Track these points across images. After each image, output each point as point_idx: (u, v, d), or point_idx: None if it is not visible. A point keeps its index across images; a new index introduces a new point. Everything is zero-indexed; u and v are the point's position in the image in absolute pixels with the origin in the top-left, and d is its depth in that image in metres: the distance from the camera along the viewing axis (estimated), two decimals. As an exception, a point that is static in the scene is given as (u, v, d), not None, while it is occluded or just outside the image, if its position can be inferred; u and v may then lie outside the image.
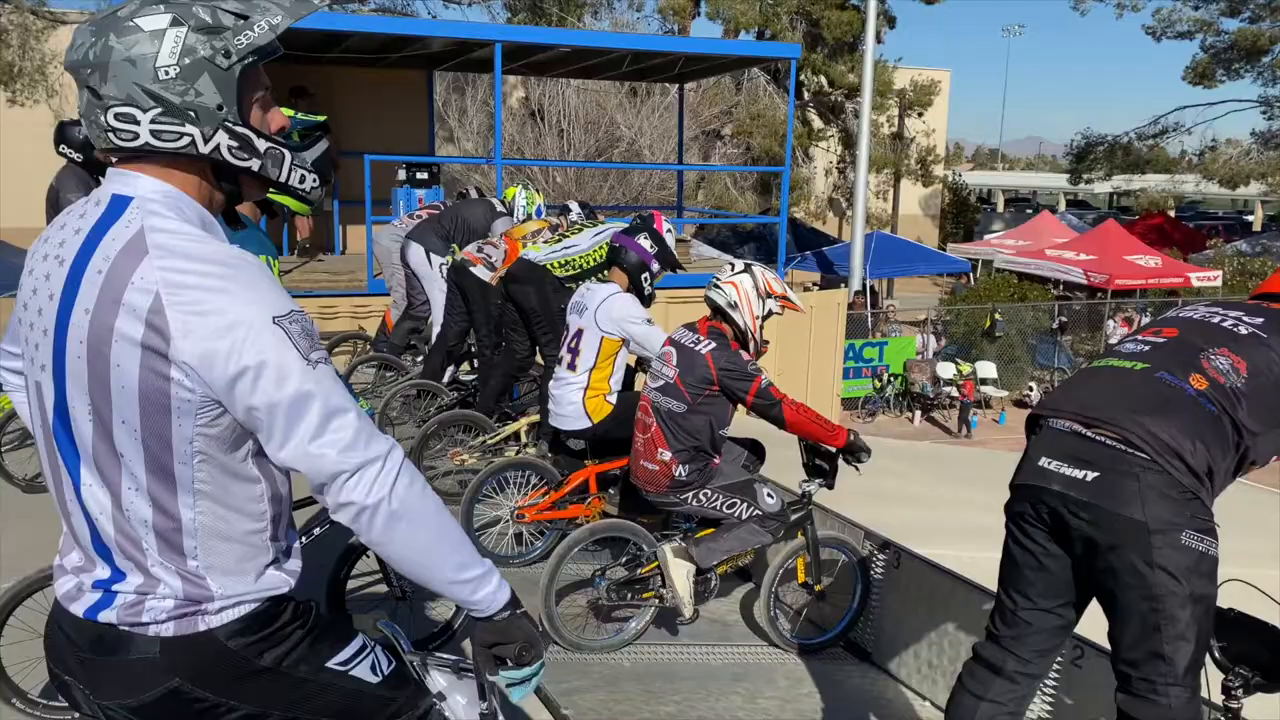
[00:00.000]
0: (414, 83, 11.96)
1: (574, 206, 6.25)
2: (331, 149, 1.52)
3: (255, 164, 1.37)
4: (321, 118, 1.48)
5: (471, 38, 9.80)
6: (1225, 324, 2.32)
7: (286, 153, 1.40)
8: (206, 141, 1.31)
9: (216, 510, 1.34)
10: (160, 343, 1.24)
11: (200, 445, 1.30)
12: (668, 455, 3.60)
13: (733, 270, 3.71)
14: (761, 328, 3.69)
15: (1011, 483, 2.37)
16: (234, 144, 1.34)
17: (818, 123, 26.80)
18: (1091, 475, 2.16)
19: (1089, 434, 2.21)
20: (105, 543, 1.35)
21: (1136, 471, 2.10)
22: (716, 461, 3.71)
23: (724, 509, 3.64)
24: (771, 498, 3.69)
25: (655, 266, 4.41)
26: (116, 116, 1.28)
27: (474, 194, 7.22)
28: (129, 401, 1.27)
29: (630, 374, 4.57)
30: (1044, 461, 2.26)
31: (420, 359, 6.91)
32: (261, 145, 1.37)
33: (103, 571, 1.36)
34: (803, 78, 24.54)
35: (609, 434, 4.30)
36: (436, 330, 6.24)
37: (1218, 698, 2.31)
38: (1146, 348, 2.35)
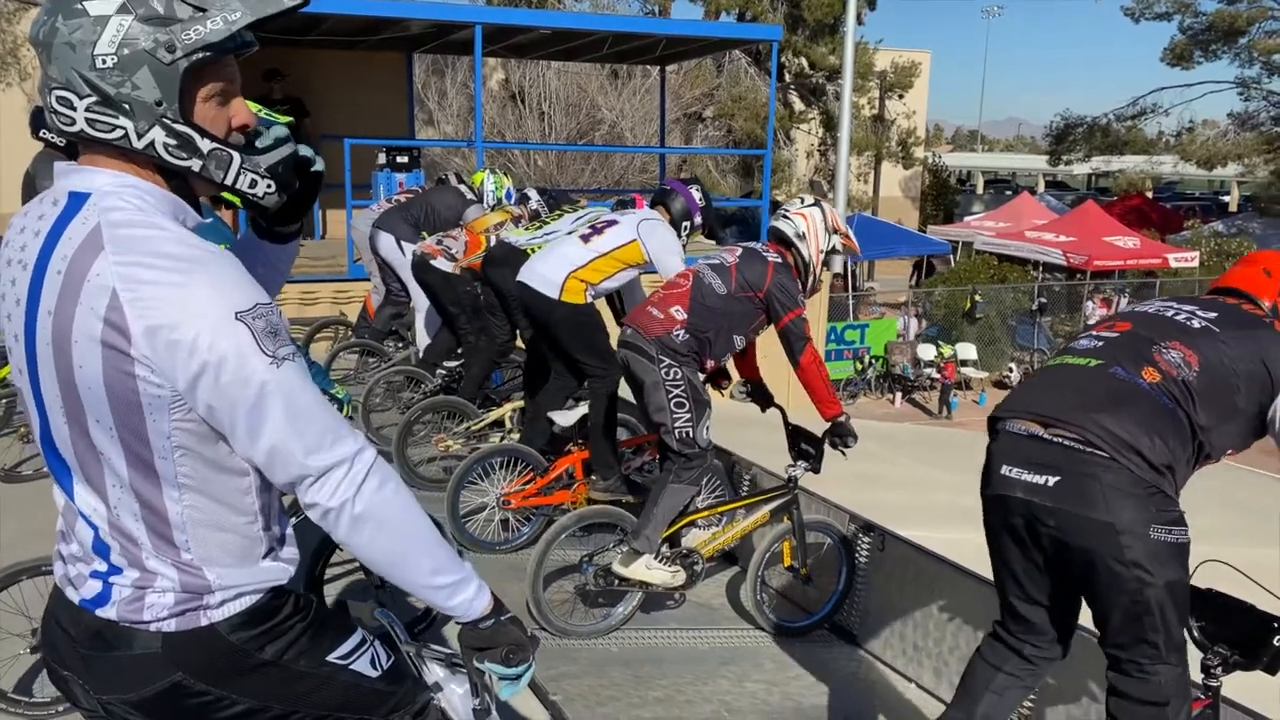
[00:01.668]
0: (393, 65, 11.83)
1: (532, 194, 6.22)
2: (295, 155, 1.44)
3: (195, 164, 1.29)
4: (284, 119, 1.38)
5: (451, 20, 9.68)
6: (1178, 318, 2.35)
7: (235, 155, 1.33)
8: (140, 137, 1.25)
9: (204, 504, 1.32)
10: (121, 340, 1.20)
11: (180, 440, 1.27)
12: (681, 314, 3.57)
13: (803, 203, 3.76)
14: (821, 265, 3.74)
15: (981, 492, 2.40)
16: (171, 142, 1.27)
17: (799, 105, 26.75)
18: (1053, 480, 2.18)
19: (1046, 435, 2.23)
20: (103, 540, 1.34)
21: (1096, 472, 2.13)
22: (708, 364, 3.68)
23: (672, 405, 3.54)
24: (707, 433, 3.64)
25: (698, 220, 4.45)
26: (58, 100, 1.24)
27: (453, 180, 7.14)
28: (98, 400, 1.24)
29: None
30: (1005, 470, 2.29)
31: (402, 345, 6.87)
32: (205, 146, 1.29)
33: (100, 565, 1.35)
34: (784, 60, 24.46)
35: (557, 327, 4.22)
36: (419, 316, 6.20)
37: (1197, 676, 2.35)
38: (1100, 343, 2.37)
